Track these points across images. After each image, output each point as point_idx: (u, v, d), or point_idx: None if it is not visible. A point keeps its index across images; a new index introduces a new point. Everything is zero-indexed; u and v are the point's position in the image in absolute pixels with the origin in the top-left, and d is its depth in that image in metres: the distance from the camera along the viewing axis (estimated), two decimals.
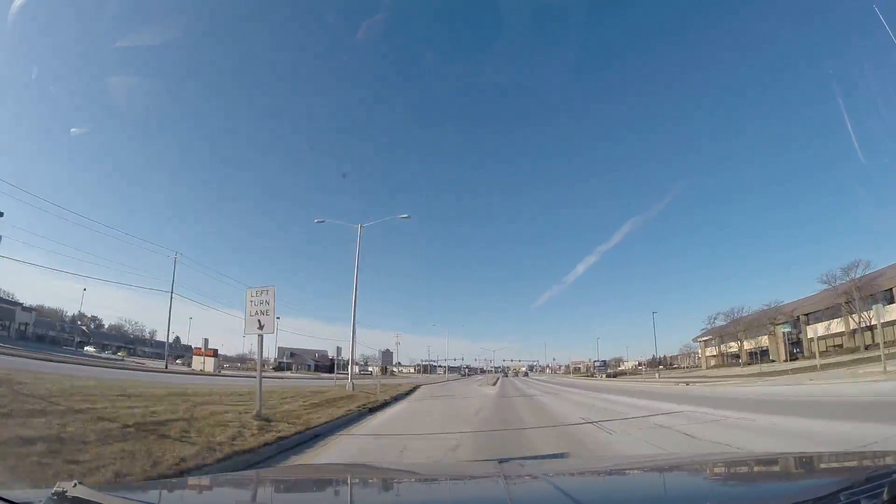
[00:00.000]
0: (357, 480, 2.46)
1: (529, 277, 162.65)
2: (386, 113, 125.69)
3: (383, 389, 22.47)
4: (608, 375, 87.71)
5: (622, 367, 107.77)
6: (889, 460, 2.20)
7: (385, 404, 17.15)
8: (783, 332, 52.47)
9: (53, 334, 70.61)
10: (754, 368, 48.90)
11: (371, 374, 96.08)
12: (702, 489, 2.10)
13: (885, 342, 27.18)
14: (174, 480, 3.95)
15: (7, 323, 60.97)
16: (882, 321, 27.00)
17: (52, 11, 69.24)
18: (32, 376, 11.88)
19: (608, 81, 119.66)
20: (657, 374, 64.65)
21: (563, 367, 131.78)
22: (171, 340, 63.93)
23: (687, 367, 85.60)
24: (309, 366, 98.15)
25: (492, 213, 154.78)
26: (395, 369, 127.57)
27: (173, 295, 49.34)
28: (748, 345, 62.61)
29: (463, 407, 17.37)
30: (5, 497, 1.35)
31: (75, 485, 1.39)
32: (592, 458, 6.48)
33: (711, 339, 74.56)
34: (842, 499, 1.25)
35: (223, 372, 49.09)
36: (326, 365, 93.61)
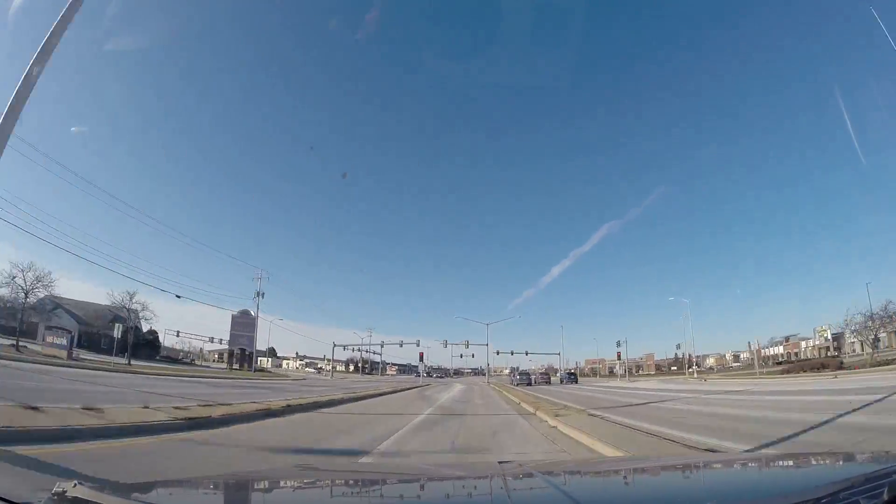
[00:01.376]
0: (358, 482, 2.45)
1: (504, 280, 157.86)
2: (365, 115, 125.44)
3: None
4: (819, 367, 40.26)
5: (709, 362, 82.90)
6: (889, 460, 2.20)
7: None
8: None
9: None
10: None
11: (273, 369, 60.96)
12: (702, 489, 2.10)
13: None
14: (173, 481, 3.93)
15: None
16: None
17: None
18: None
19: (592, 87, 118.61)
20: None
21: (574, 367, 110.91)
22: None
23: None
24: (70, 333, 38.63)
25: (462, 213, 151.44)
26: (268, 363, 74.20)
27: None
28: None
29: None
30: (5, 497, 1.34)
31: (75, 485, 1.38)
32: (592, 459, 6.46)
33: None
34: (842, 499, 1.25)
35: None
36: (115, 336, 36.38)
